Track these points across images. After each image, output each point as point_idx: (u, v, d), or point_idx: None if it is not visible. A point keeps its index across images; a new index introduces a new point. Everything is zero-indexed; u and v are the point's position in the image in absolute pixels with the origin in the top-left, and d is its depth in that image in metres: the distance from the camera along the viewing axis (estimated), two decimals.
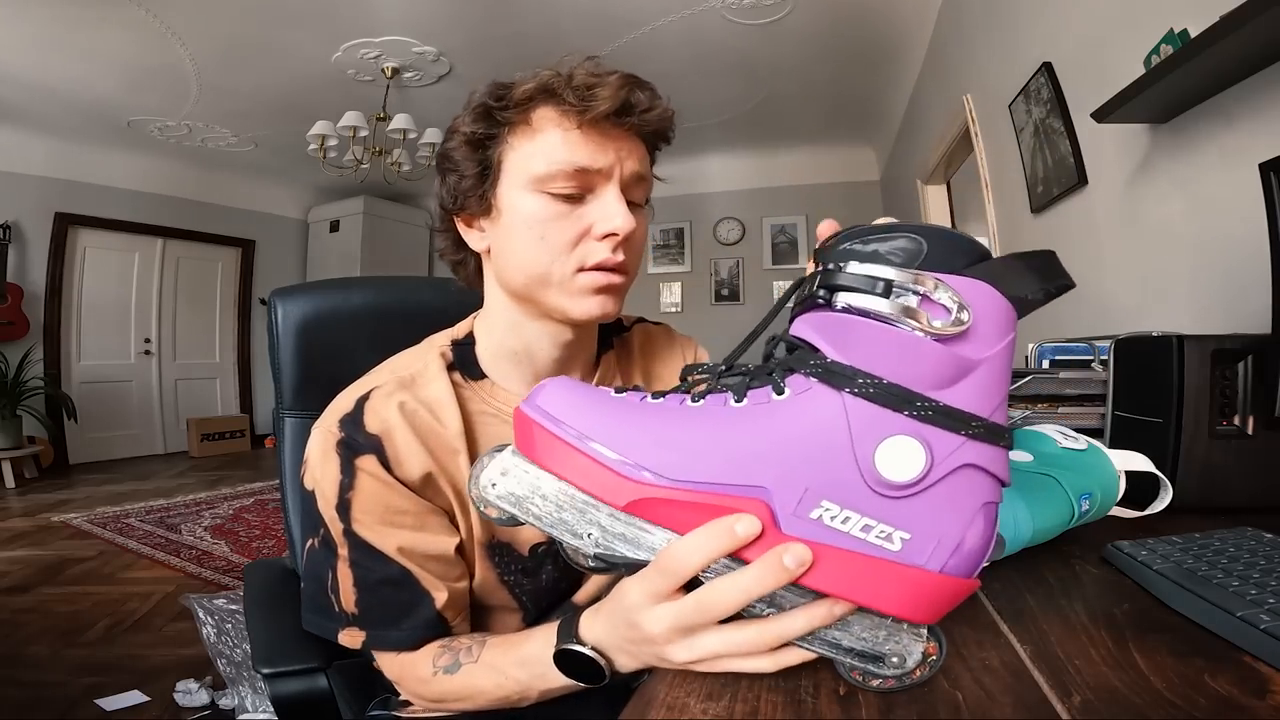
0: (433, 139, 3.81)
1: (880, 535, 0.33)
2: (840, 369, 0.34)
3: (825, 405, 0.34)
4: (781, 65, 3.73)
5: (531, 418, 0.37)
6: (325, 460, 0.58)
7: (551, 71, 0.56)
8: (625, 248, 0.58)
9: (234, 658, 1.75)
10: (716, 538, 0.34)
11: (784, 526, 0.34)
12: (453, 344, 0.65)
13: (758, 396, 0.36)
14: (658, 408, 0.37)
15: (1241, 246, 1.07)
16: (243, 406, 5.99)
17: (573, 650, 0.45)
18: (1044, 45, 1.86)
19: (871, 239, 0.35)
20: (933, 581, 0.34)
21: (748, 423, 0.35)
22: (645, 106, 0.56)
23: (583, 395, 0.38)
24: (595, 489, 0.35)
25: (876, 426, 0.33)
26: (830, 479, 0.34)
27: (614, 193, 0.56)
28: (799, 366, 0.35)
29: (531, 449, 0.37)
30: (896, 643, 0.35)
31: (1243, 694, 0.32)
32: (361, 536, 0.57)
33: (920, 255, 0.33)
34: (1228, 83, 1.08)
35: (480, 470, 0.38)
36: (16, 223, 4.55)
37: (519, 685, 0.51)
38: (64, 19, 3.10)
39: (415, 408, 0.59)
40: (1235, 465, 0.68)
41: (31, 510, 3.58)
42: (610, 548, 0.36)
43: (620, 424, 0.36)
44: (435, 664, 0.56)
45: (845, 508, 0.34)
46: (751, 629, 0.36)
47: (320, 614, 0.61)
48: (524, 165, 0.56)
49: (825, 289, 0.35)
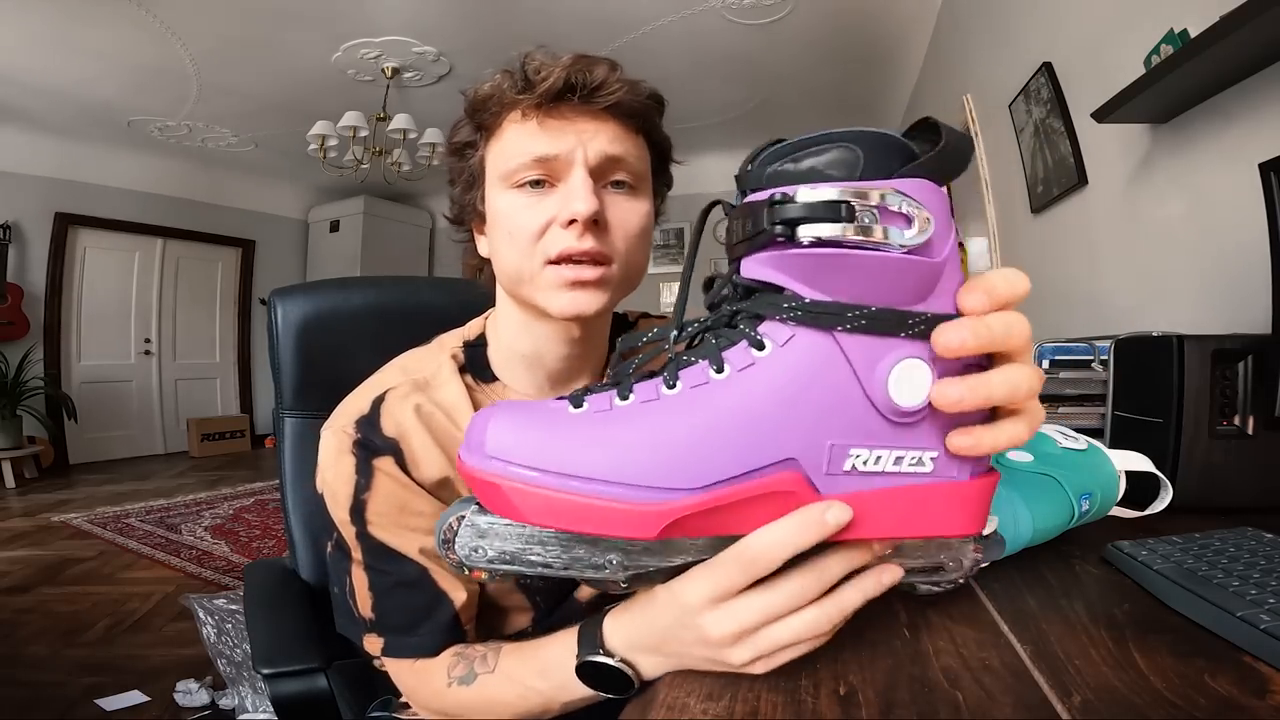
0: (433, 139, 3.81)
1: (913, 462, 0.33)
2: (824, 307, 0.31)
3: (818, 349, 0.31)
4: (781, 66, 3.73)
5: (492, 476, 0.32)
6: (339, 461, 0.57)
7: (504, 71, 0.55)
8: (603, 233, 0.54)
9: (234, 658, 1.75)
10: (805, 529, 0.32)
11: (822, 488, 0.32)
12: (465, 345, 0.64)
13: (736, 359, 0.32)
14: (637, 410, 0.33)
15: (1241, 246, 1.07)
16: (243, 406, 5.99)
17: (597, 662, 0.42)
18: (1044, 45, 1.86)
19: (803, 155, 0.31)
20: (971, 489, 0.34)
21: (745, 392, 0.32)
22: (597, 83, 0.52)
23: (537, 421, 0.33)
24: (614, 531, 0.32)
25: (877, 356, 0.31)
26: (850, 425, 0.32)
27: (580, 176, 0.53)
28: (769, 312, 0.32)
29: (508, 510, 0.32)
30: (949, 549, 0.36)
31: (1243, 694, 0.32)
32: (378, 539, 0.57)
33: (859, 164, 0.31)
34: (1228, 83, 1.08)
35: (450, 538, 0.34)
36: (16, 223, 4.55)
37: (542, 698, 0.48)
38: (64, 19, 3.10)
39: (431, 410, 0.59)
40: (1235, 465, 0.68)
41: (31, 510, 3.58)
42: (639, 565, 0.34)
43: (609, 444, 0.32)
44: (450, 674, 0.54)
45: (874, 448, 0.32)
46: (810, 613, 0.35)
47: (346, 619, 0.60)
48: (496, 165, 0.56)
49: (783, 223, 0.30)
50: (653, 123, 0.59)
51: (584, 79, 0.52)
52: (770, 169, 0.32)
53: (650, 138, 0.59)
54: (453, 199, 0.63)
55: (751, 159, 0.33)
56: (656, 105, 0.58)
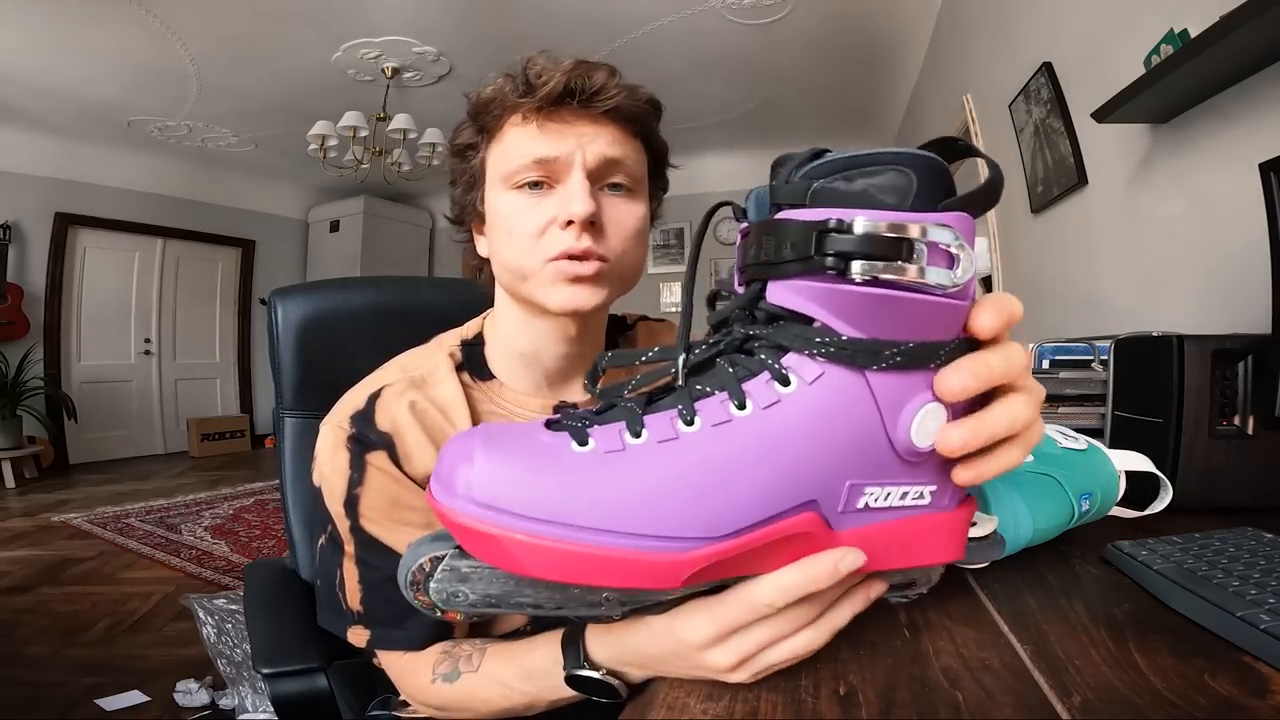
0: (433, 139, 3.81)
1: (916, 496, 0.33)
2: (861, 346, 0.29)
3: (848, 389, 0.30)
4: (781, 65, 3.73)
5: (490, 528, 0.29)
6: (335, 455, 0.58)
7: (506, 75, 0.56)
8: (599, 234, 0.56)
9: (234, 658, 1.75)
10: (818, 578, 0.32)
11: (835, 526, 0.32)
12: (462, 344, 0.65)
13: (759, 395, 0.30)
14: (653, 452, 0.30)
15: (1241, 246, 1.07)
16: (243, 406, 5.99)
17: (585, 676, 0.44)
18: (1044, 45, 1.86)
19: (855, 174, 0.28)
20: (955, 518, 0.35)
21: (771, 433, 0.30)
22: (596, 87, 0.54)
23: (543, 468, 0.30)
24: (634, 584, 0.30)
25: (904, 398, 0.30)
26: (869, 465, 0.31)
27: (578, 178, 0.54)
28: (798, 346, 0.30)
29: (509, 563, 0.29)
30: (923, 569, 0.38)
31: (1243, 694, 0.32)
32: (369, 532, 0.58)
33: (912, 191, 0.28)
34: (1228, 83, 1.08)
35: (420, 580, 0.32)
36: (16, 223, 4.55)
37: (526, 698, 0.49)
38: (64, 19, 3.10)
39: (426, 407, 0.60)
40: (1235, 465, 0.68)
41: (31, 510, 3.58)
42: (635, 600, 0.33)
43: (624, 490, 0.29)
44: (435, 671, 0.55)
45: (886, 485, 0.32)
46: (806, 635, 0.36)
47: (331, 611, 0.61)
48: (497, 167, 0.57)
49: (836, 255, 0.27)
50: (650, 127, 0.60)
51: (583, 84, 0.53)
52: (816, 185, 0.29)
53: (648, 142, 0.61)
54: (454, 199, 0.64)
55: (791, 169, 0.30)
56: (654, 110, 0.60)
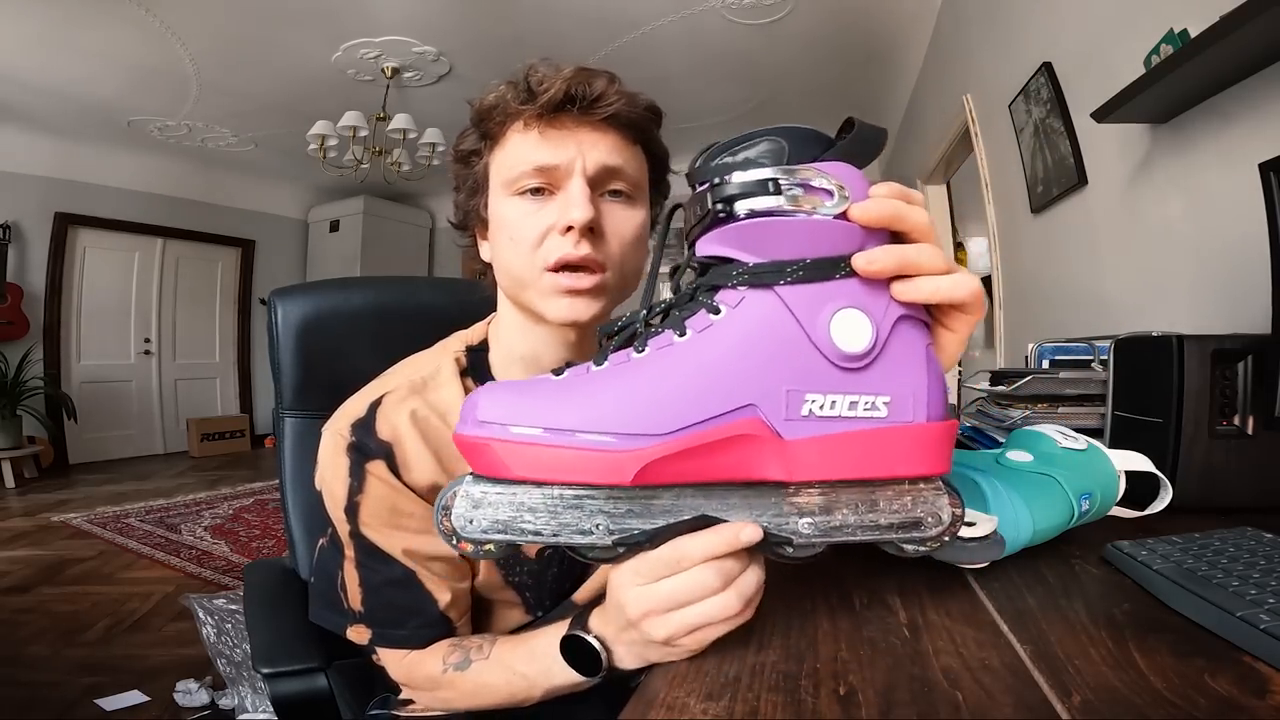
0: (432, 139, 3.81)
1: (867, 407, 0.36)
2: (764, 267, 0.36)
3: (764, 305, 0.36)
4: (781, 66, 3.73)
5: (483, 437, 0.35)
6: (335, 463, 0.59)
7: (508, 82, 0.57)
8: (599, 242, 0.56)
9: (234, 658, 1.75)
10: (723, 541, 0.37)
11: (783, 433, 0.36)
12: (467, 350, 0.66)
13: (697, 324, 0.37)
14: (611, 372, 0.37)
15: (1241, 246, 1.07)
16: (243, 406, 5.99)
17: (578, 636, 0.46)
18: (1044, 45, 1.86)
19: (738, 149, 0.37)
20: (929, 432, 0.37)
21: (704, 350, 0.36)
22: (596, 95, 0.55)
23: (522, 388, 0.37)
24: (592, 478, 0.35)
25: (817, 306, 0.35)
26: (802, 372, 0.35)
27: (578, 185, 0.55)
28: (721, 281, 0.37)
29: (498, 469, 0.35)
30: (925, 503, 0.38)
31: (1243, 694, 0.32)
32: (368, 539, 0.59)
33: (784, 153, 0.36)
34: (1227, 83, 1.08)
35: (447, 514, 0.36)
36: (16, 223, 4.55)
37: (526, 681, 0.52)
38: (64, 19, 3.10)
39: (426, 415, 0.60)
40: (1235, 465, 0.68)
41: (31, 510, 3.58)
42: (624, 528, 0.36)
43: (585, 401, 0.35)
44: (446, 661, 0.57)
45: (827, 393, 0.36)
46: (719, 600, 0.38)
47: (329, 609, 0.63)
48: (499, 173, 0.58)
49: (723, 202, 0.36)
50: (650, 134, 0.61)
51: (584, 91, 0.54)
52: (713, 163, 0.37)
53: (648, 148, 0.61)
54: (457, 205, 0.65)
55: (697, 157, 0.38)
56: (654, 117, 0.61)
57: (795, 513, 0.38)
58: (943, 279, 0.36)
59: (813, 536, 0.38)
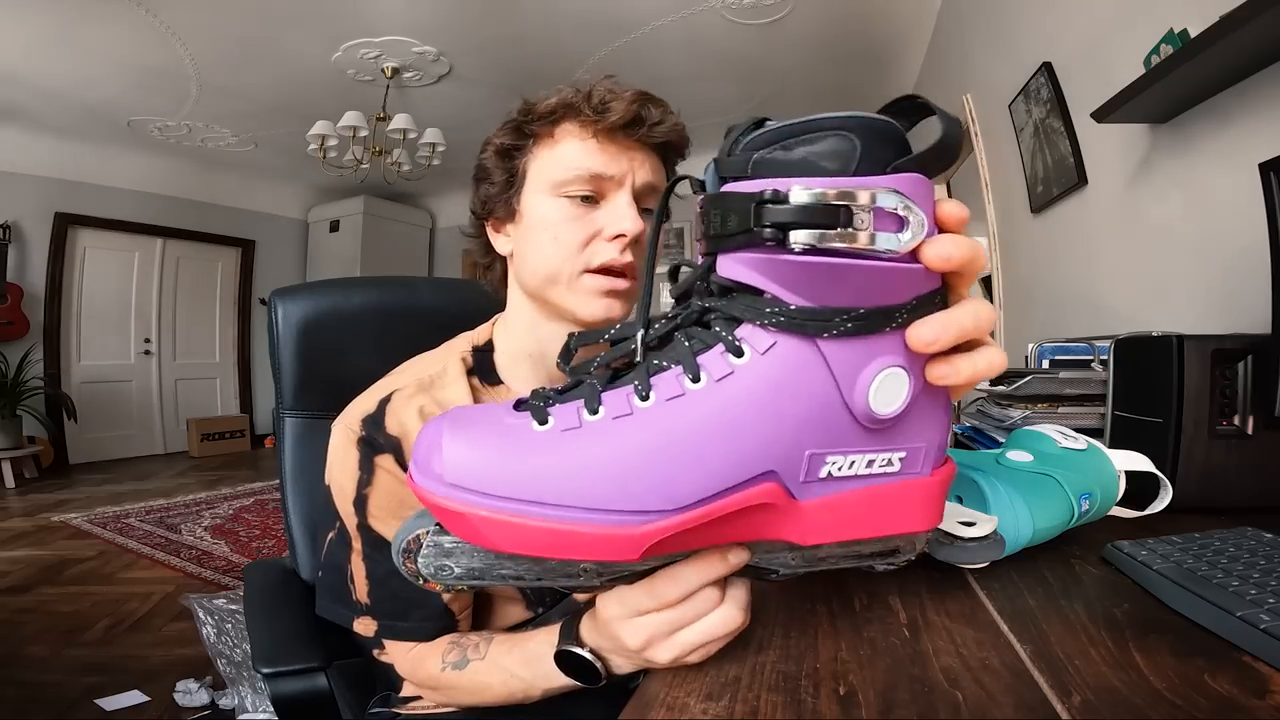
0: (433, 139, 3.81)
1: (883, 464, 0.33)
2: (810, 314, 0.29)
3: (800, 358, 0.30)
4: (781, 66, 3.73)
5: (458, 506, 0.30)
6: (345, 457, 0.61)
7: (573, 89, 0.61)
8: (634, 251, 0.60)
9: (234, 658, 1.75)
10: (711, 569, 0.36)
11: (799, 495, 0.32)
12: (473, 350, 0.67)
13: (713, 367, 0.31)
14: (609, 429, 0.31)
15: (1241, 246, 1.07)
16: (243, 406, 5.99)
17: (571, 651, 0.46)
18: (1044, 45, 1.86)
19: (795, 142, 0.28)
20: (931, 484, 0.35)
21: (723, 405, 0.30)
22: (656, 120, 0.60)
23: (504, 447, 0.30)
24: (595, 556, 0.30)
25: (860, 365, 0.30)
26: (828, 434, 0.31)
27: (626, 197, 0.60)
28: (749, 317, 0.30)
29: (480, 540, 0.30)
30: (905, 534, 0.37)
31: (1243, 694, 0.32)
32: (376, 531, 0.60)
33: (855, 156, 0.28)
34: (1227, 83, 1.08)
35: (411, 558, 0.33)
36: (16, 223, 4.55)
37: (523, 684, 0.53)
38: (65, 19, 3.09)
39: (433, 410, 0.62)
40: (1235, 465, 0.68)
41: (31, 510, 3.58)
42: (612, 572, 0.35)
43: (581, 468, 0.30)
44: (444, 660, 0.58)
45: (849, 454, 0.32)
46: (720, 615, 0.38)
47: (337, 602, 0.64)
48: (545, 172, 0.61)
49: (773, 226, 0.28)
50: (682, 160, 0.66)
51: (648, 115, 0.60)
52: (756, 155, 0.29)
53: (670, 173, 0.66)
54: (481, 195, 0.66)
55: (734, 140, 0.30)
56: (688, 145, 0.66)
57: (785, 548, 0.37)
58: (979, 357, 0.32)
59: (798, 568, 0.37)
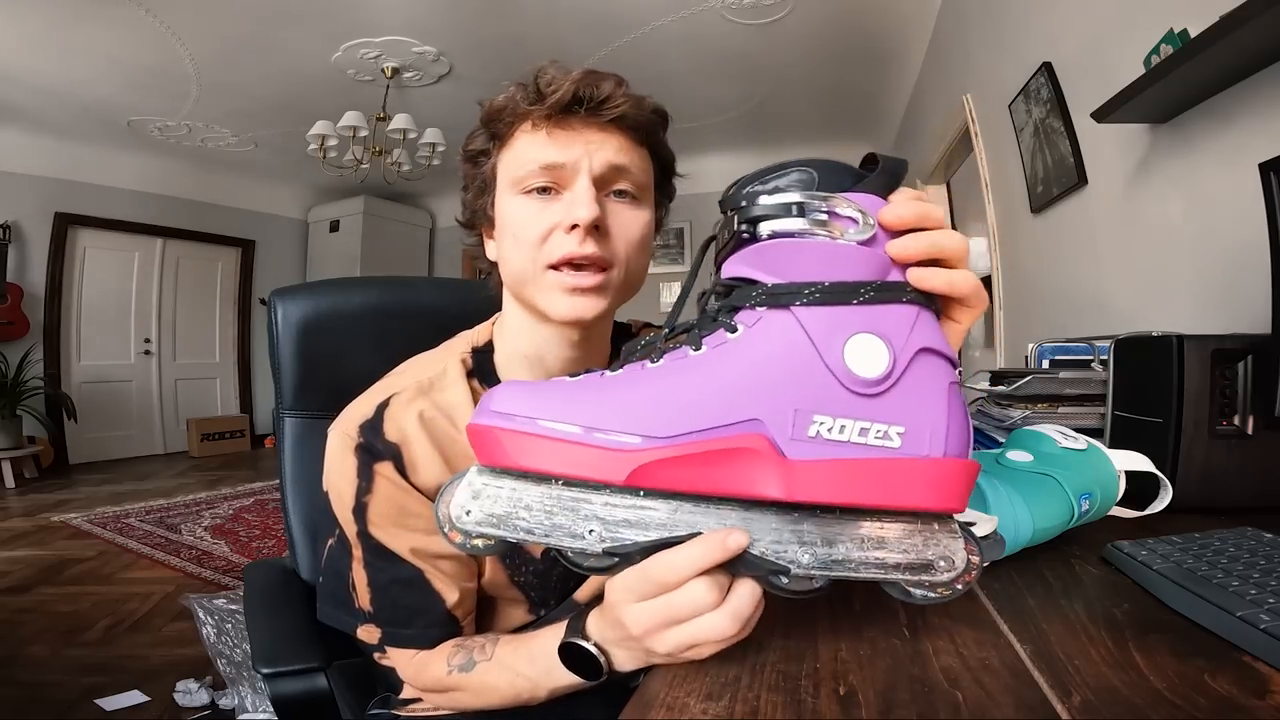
0: (433, 139, 3.81)
1: (879, 435, 0.35)
2: (782, 288, 0.36)
3: (780, 325, 0.36)
4: (781, 65, 3.73)
5: (491, 425, 0.36)
6: (343, 464, 0.59)
7: (518, 84, 0.58)
8: (604, 239, 0.57)
9: (234, 658, 1.75)
10: (708, 552, 0.35)
11: (787, 452, 0.35)
12: (473, 351, 0.66)
13: (713, 341, 0.37)
14: (623, 377, 0.37)
15: (1241, 246, 1.07)
16: (243, 406, 5.99)
17: (576, 644, 0.46)
18: (1044, 45, 1.86)
19: (768, 177, 0.38)
20: (945, 466, 0.35)
21: (716, 364, 0.36)
22: (604, 96, 0.56)
23: (539, 387, 0.37)
24: (589, 472, 0.34)
25: (833, 327, 0.35)
26: (813, 393, 0.35)
27: (584, 183, 0.55)
28: (741, 302, 0.37)
29: (501, 456, 0.35)
30: (938, 545, 0.37)
31: (1243, 694, 0.32)
32: (376, 539, 0.59)
33: (814, 183, 0.37)
34: (1228, 83, 1.08)
35: (447, 504, 0.36)
36: (16, 223, 4.55)
37: (529, 683, 0.52)
38: (64, 19, 3.09)
39: (433, 415, 0.61)
40: (1235, 465, 0.68)
41: (31, 510, 3.58)
42: (616, 537, 0.36)
43: (593, 401, 0.36)
44: (450, 663, 0.58)
45: (837, 417, 0.35)
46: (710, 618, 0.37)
47: (339, 608, 0.63)
48: (508, 172, 0.59)
49: (747, 223, 0.37)
50: (657, 137, 0.62)
51: (591, 92, 0.55)
52: (745, 191, 0.38)
53: (654, 151, 0.62)
54: (465, 204, 0.66)
55: (729, 188, 0.39)
56: (661, 120, 0.62)
57: (795, 541, 0.36)
58: (955, 273, 0.37)
59: (811, 567, 0.36)
